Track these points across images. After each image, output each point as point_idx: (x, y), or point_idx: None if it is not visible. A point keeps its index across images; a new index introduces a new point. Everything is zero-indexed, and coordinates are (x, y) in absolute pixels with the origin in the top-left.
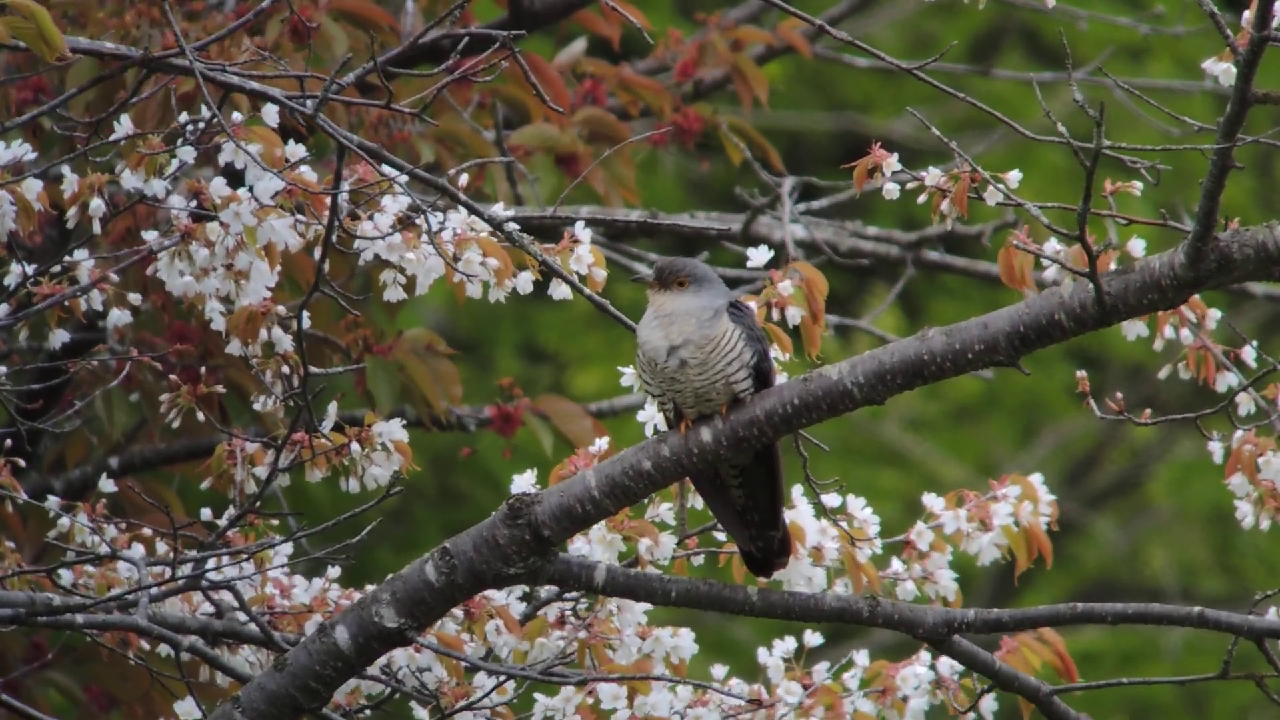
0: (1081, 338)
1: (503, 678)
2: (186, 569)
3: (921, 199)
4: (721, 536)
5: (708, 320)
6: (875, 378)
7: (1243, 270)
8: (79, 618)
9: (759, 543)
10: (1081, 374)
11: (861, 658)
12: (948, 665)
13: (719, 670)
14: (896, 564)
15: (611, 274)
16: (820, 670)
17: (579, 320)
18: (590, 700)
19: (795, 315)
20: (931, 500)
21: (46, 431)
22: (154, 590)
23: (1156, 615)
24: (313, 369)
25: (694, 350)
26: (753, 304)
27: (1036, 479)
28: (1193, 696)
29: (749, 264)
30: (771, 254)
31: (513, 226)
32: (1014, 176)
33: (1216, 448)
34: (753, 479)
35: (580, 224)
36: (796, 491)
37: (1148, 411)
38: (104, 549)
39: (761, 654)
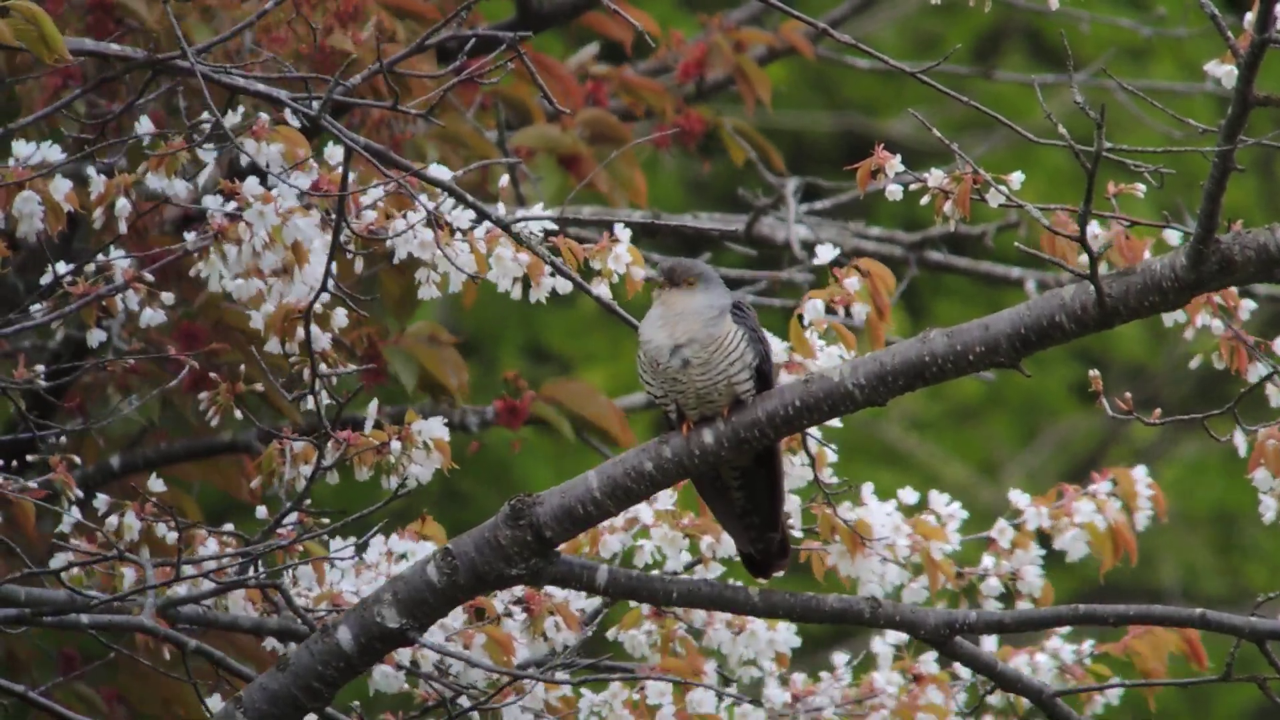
0: (1084, 338)
1: (511, 679)
2: (189, 568)
3: (924, 200)
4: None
5: (713, 320)
6: (877, 379)
7: (1244, 272)
8: (84, 618)
9: (759, 545)
10: (1094, 373)
11: (990, 643)
12: (1070, 652)
13: (840, 658)
14: (987, 559)
15: None
16: (928, 660)
17: (583, 320)
18: (638, 695)
19: (861, 312)
20: (1017, 496)
21: (53, 432)
22: (208, 586)
23: (1158, 617)
24: (326, 369)
25: (698, 350)
26: (818, 302)
27: (1139, 472)
28: (1194, 698)
29: (815, 261)
30: (837, 251)
31: (537, 227)
32: (1016, 178)
33: (1241, 441)
34: (753, 481)
35: (619, 224)
36: (868, 489)
37: (1158, 411)
38: (138, 549)
39: (876, 643)
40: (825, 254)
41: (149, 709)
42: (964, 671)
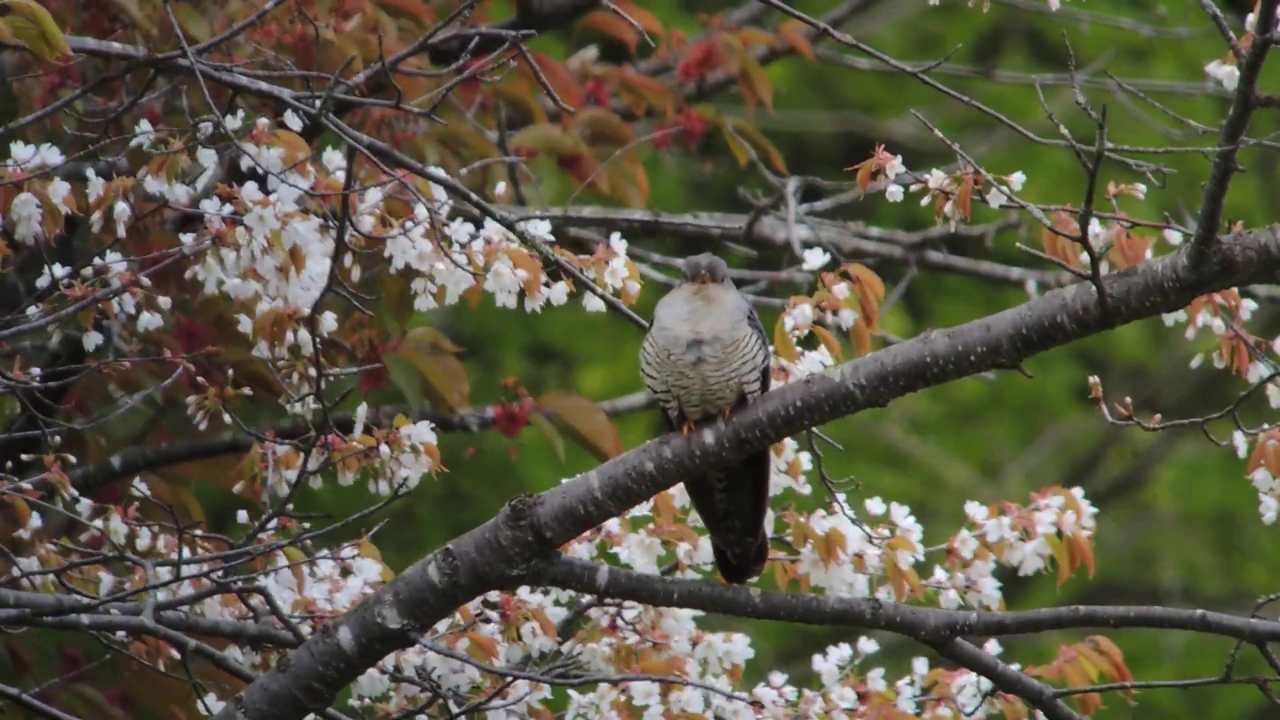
0: (1084, 339)
1: (510, 679)
2: (192, 569)
3: (925, 201)
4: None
5: (738, 322)
6: (878, 379)
7: (1245, 273)
8: (85, 618)
9: (737, 549)
10: (1094, 379)
11: (920, 665)
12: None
13: (778, 678)
14: (940, 573)
15: None
16: (875, 677)
17: (585, 321)
18: (624, 697)
19: (848, 318)
20: (974, 509)
21: (52, 431)
22: (188, 592)
23: (1159, 618)
24: (327, 371)
25: (719, 349)
26: (805, 307)
27: (1078, 492)
28: (1194, 699)
29: (805, 266)
30: (827, 257)
31: (537, 231)
32: (1017, 179)
33: (1241, 442)
34: (738, 484)
35: (616, 235)
36: (840, 497)
37: (1158, 416)
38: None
39: (816, 660)
40: (815, 259)
41: (151, 709)
42: (906, 690)
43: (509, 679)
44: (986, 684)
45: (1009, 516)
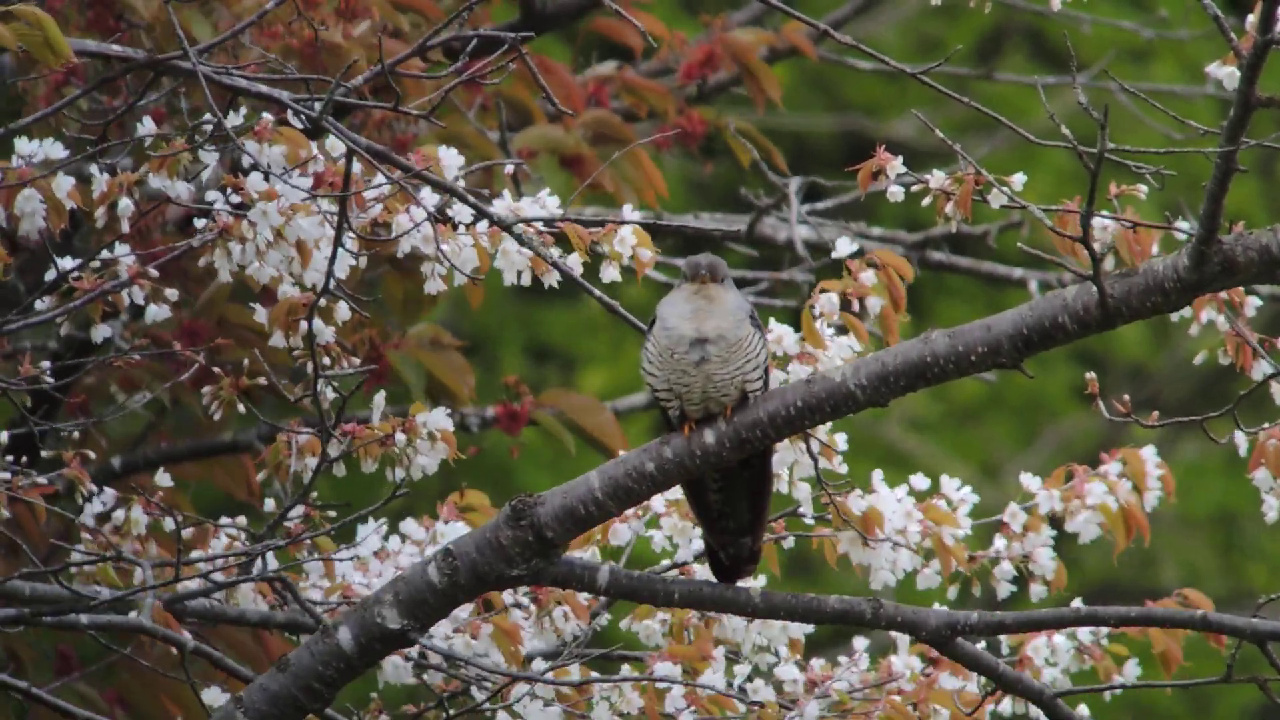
0: (1085, 339)
1: (510, 680)
2: (190, 567)
3: (926, 201)
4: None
5: (741, 321)
6: (878, 380)
7: (1246, 273)
8: (84, 618)
9: (729, 549)
10: (1090, 376)
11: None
12: (1087, 633)
13: (861, 641)
14: (999, 542)
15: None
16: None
17: (585, 321)
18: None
19: (875, 305)
20: (1028, 479)
21: (51, 431)
22: (219, 579)
23: (1159, 618)
24: (329, 363)
25: (724, 348)
26: (832, 295)
27: (1148, 452)
28: (1194, 699)
29: (833, 255)
30: (856, 246)
31: (539, 220)
32: (1018, 179)
33: (1242, 441)
34: (733, 485)
35: (627, 206)
36: (877, 476)
37: (1155, 414)
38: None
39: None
40: (844, 247)
41: (148, 709)
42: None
43: (512, 679)
44: (1069, 645)
45: (1074, 480)
